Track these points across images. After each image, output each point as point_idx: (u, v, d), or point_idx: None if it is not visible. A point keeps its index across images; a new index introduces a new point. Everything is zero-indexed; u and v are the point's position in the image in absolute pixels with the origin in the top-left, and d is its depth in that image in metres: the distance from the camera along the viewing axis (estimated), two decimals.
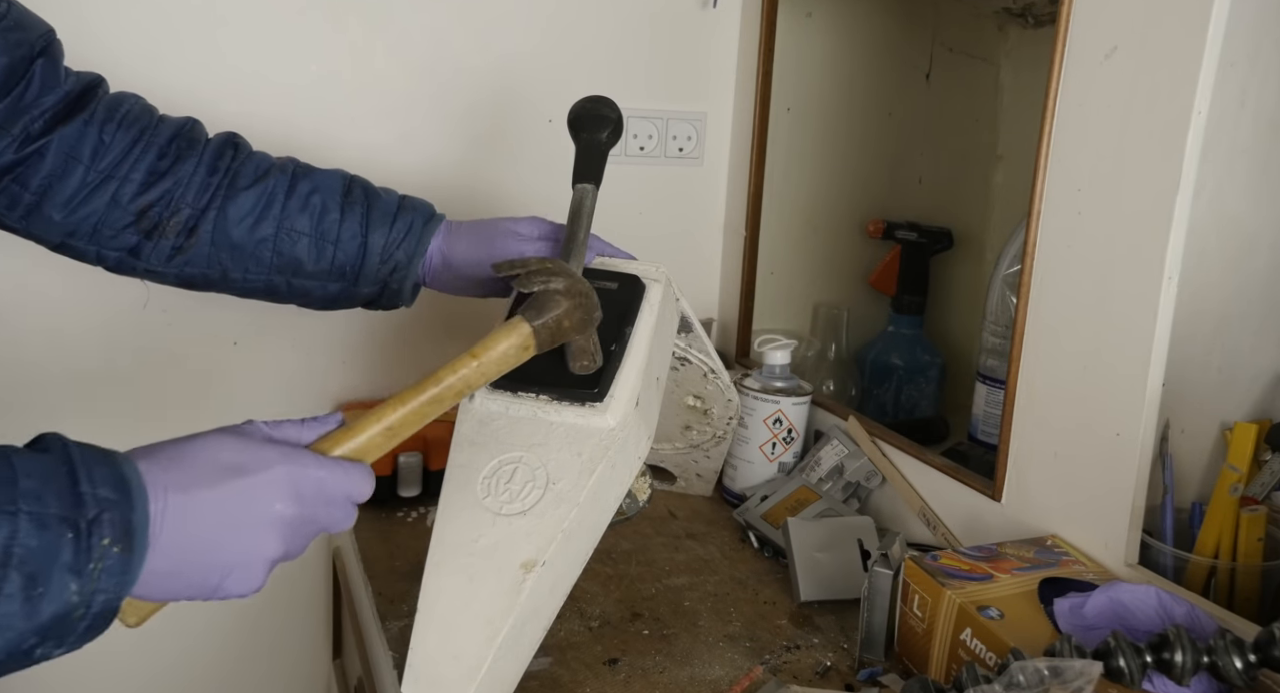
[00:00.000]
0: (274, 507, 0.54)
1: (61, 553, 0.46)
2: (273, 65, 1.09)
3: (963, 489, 0.95)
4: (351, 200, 0.83)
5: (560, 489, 0.68)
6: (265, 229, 0.80)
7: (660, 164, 1.32)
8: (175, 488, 0.51)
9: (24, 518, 0.45)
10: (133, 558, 0.48)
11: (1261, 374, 0.87)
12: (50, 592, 0.45)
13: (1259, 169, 0.83)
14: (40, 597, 0.45)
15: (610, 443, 0.70)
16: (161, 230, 0.78)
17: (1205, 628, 0.67)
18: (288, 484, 0.55)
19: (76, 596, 0.46)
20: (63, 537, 0.46)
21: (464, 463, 0.71)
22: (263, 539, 0.54)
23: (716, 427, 1.04)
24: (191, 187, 0.78)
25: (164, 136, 0.78)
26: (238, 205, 0.79)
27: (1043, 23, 1.29)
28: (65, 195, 0.74)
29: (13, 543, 0.44)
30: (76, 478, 0.47)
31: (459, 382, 0.65)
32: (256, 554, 0.54)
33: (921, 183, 1.39)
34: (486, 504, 0.68)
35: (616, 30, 1.25)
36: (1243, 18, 0.73)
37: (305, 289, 0.84)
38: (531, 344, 0.68)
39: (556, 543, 0.66)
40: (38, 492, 0.46)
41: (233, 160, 0.81)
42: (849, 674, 0.80)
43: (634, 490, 0.85)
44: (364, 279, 0.84)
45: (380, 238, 0.83)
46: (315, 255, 0.82)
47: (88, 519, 0.47)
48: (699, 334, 0.90)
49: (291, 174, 0.83)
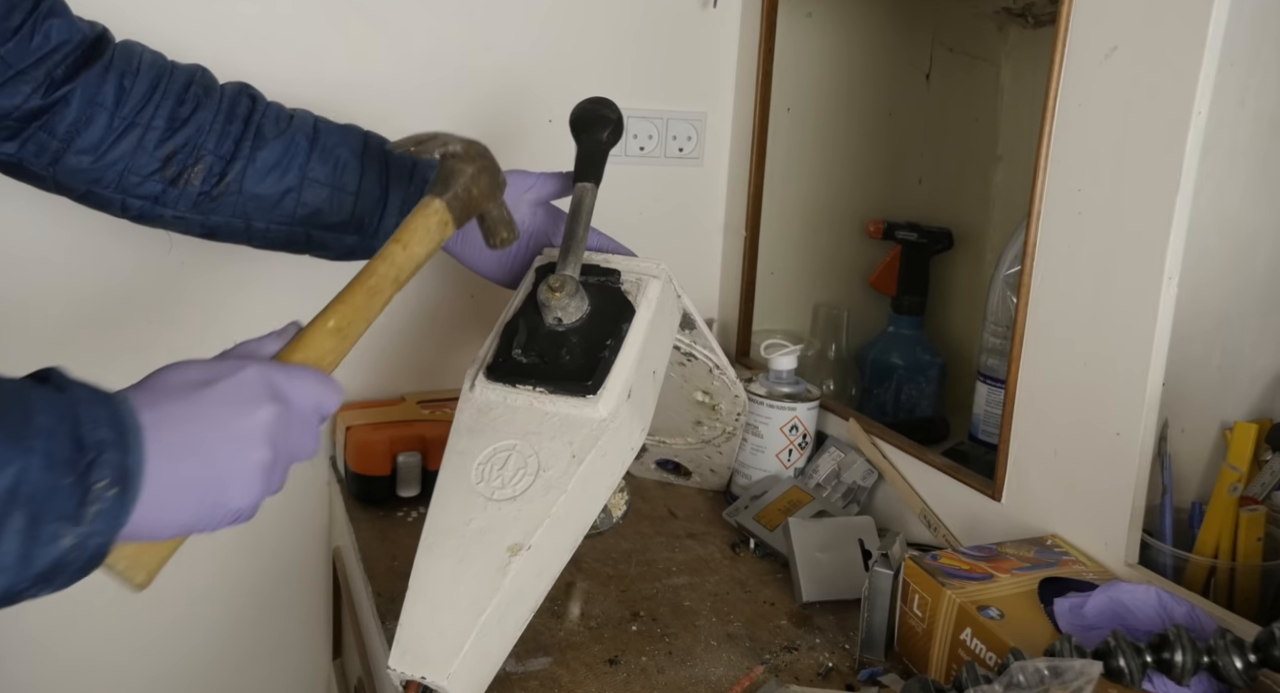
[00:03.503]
0: (252, 407, 0.54)
1: (60, 495, 0.45)
2: (272, 65, 1.09)
3: (963, 489, 0.95)
4: (370, 154, 0.87)
5: (550, 477, 0.70)
6: (290, 179, 0.83)
7: (660, 164, 1.32)
8: (148, 408, 0.51)
9: (37, 456, 0.44)
10: (127, 499, 0.47)
11: (1261, 374, 0.87)
12: (48, 534, 0.44)
13: (1259, 169, 0.83)
14: (39, 539, 0.44)
15: (601, 433, 0.72)
16: (186, 177, 0.79)
17: (1205, 628, 0.67)
18: (260, 384, 0.55)
19: (71, 538, 0.45)
20: (64, 479, 0.45)
21: (461, 450, 0.74)
22: (249, 442, 0.53)
23: (725, 422, 1.05)
24: (212, 133, 0.80)
25: (180, 83, 0.80)
26: (265, 155, 0.82)
27: (1043, 23, 1.29)
28: (92, 141, 0.76)
29: (23, 479, 0.43)
30: (79, 419, 0.46)
31: (390, 269, 0.67)
32: (246, 459, 0.53)
33: (921, 183, 1.39)
34: (479, 490, 0.71)
35: (616, 30, 1.25)
36: (1243, 18, 0.73)
37: (323, 241, 0.86)
38: (448, 217, 0.72)
39: (543, 529, 0.68)
40: (51, 428, 0.45)
41: (251, 111, 0.83)
42: (849, 674, 0.80)
43: (609, 506, 0.86)
44: (381, 232, 0.87)
45: (400, 192, 0.87)
46: (336, 206, 0.85)
47: (87, 461, 0.46)
48: (703, 331, 0.91)
49: (314, 126, 0.86)
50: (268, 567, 1.23)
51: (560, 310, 0.77)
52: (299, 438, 0.58)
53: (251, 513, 0.55)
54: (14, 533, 0.43)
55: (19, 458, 0.43)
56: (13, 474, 0.43)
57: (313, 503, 1.22)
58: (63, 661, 1.14)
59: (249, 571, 1.22)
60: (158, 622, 1.18)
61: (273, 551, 1.22)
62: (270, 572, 1.23)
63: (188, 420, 0.52)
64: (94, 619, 1.15)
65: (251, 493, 0.54)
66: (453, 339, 1.25)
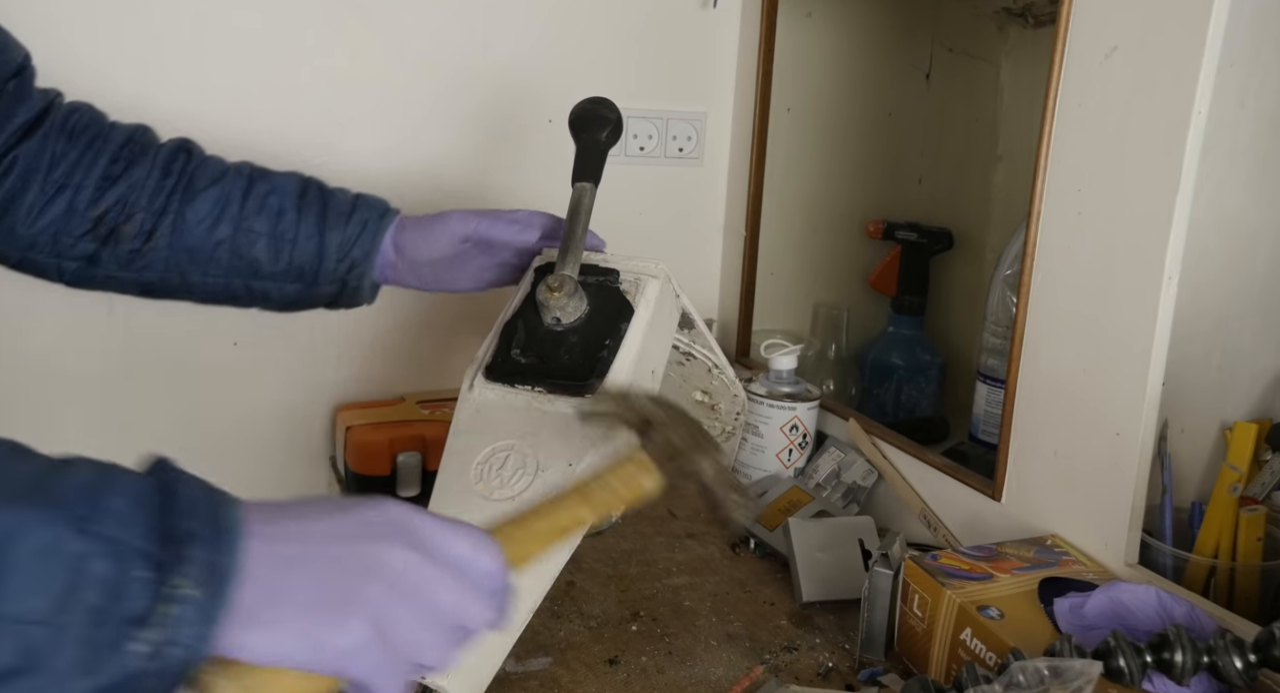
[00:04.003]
0: (384, 541, 0.45)
1: (130, 592, 0.38)
2: (272, 66, 1.09)
3: (963, 489, 0.95)
4: (307, 200, 0.84)
5: (549, 477, 0.70)
6: (223, 230, 0.81)
7: (660, 164, 1.32)
8: (260, 512, 0.43)
9: (99, 541, 0.38)
10: (215, 605, 0.39)
11: (1261, 374, 0.87)
12: (109, 638, 0.37)
13: (1259, 169, 0.83)
14: (98, 643, 0.37)
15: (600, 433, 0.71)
16: (117, 235, 0.78)
17: (1205, 628, 0.67)
18: (401, 518, 0.46)
19: (143, 645, 0.38)
20: (137, 574, 0.38)
21: (460, 450, 0.74)
22: (348, 572, 0.43)
23: (725, 422, 1.05)
24: (145, 190, 0.79)
25: (115, 143, 0.79)
26: (195, 207, 0.80)
27: (1043, 23, 1.29)
28: (25, 207, 0.75)
29: (83, 569, 0.37)
30: (169, 507, 0.40)
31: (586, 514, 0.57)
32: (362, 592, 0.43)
33: (921, 183, 1.39)
34: (478, 490, 0.71)
35: (617, 30, 1.25)
36: (1243, 18, 0.73)
37: (264, 291, 0.84)
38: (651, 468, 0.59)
39: None
40: (124, 515, 0.39)
41: (186, 164, 0.81)
42: (849, 674, 0.80)
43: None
44: (322, 278, 0.84)
45: (336, 235, 0.84)
46: (273, 256, 0.82)
47: (169, 556, 0.39)
48: (701, 330, 0.91)
49: (248, 176, 0.83)
50: None
51: (559, 310, 0.77)
52: (457, 595, 0.46)
53: (372, 677, 0.44)
54: (74, 634, 0.36)
55: (79, 545, 0.37)
56: (69, 564, 0.37)
57: None
58: None
59: None
60: None
61: None
62: None
63: (305, 539, 0.44)
64: None
65: (343, 631, 0.42)
66: (453, 339, 1.24)
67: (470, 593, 0.46)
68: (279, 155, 1.10)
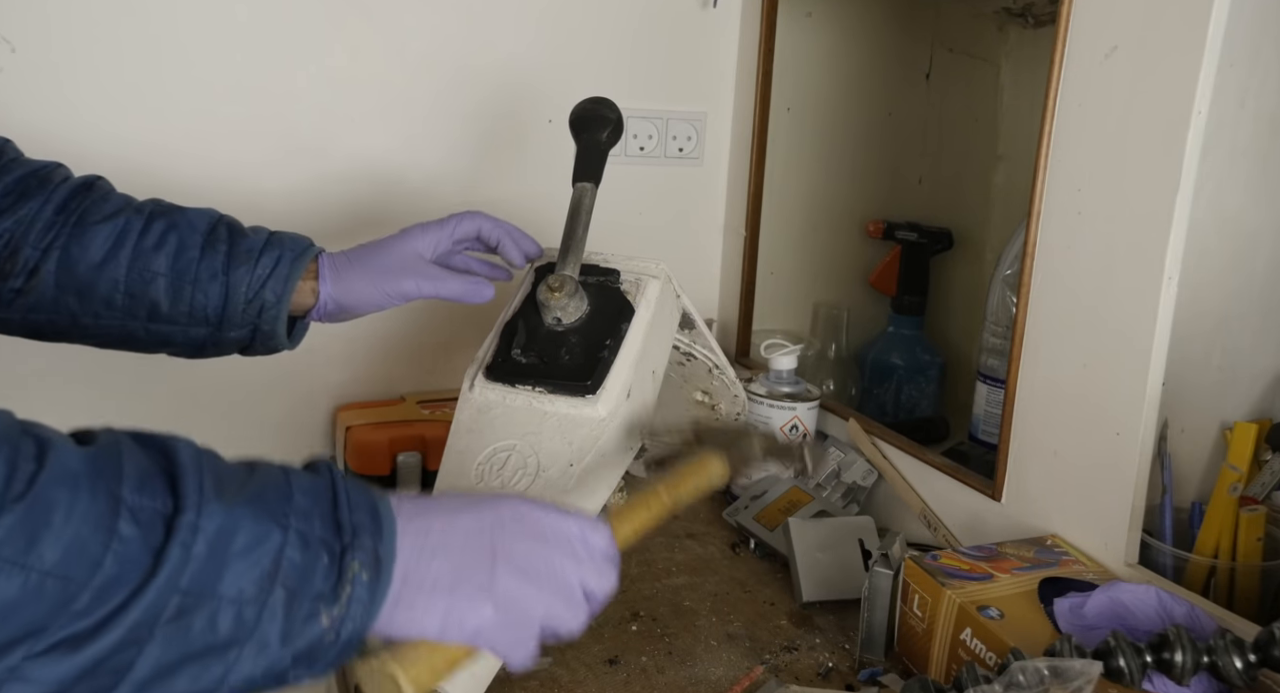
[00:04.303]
0: (495, 532, 0.52)
1: (317, 575, 0.46)
2: (272, 65, 1.09)
3: (963, 489, 0.95)
4: (214, 238, 0.78)
5: (549, 476, 0.71)
6: (115, 269, 0.74)
7: (660, 164, 1.32)
8: (407, 505, 0.52)
9: (292, 533, 0.45)
10: (379, 587, 0.47)
11: (1261, 374, 0.87)
12: (305, 613, 0.45)
13: (1259, 169, 0.83)
14: (296, 617, 0.45)
15: (600, 433, 0.72)
16: (1, 274, 0.73)
17: (1205, 628, 0.67)
18: (523, 510, 0.54)
19: (326, 620, 0.46)
20: (319, 559, 0.46)
21: (461, 450, 0.74)
22: (479, 559, 0.51)
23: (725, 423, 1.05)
24: (35, 225, 0.73)
25: (13, 177, 0.74)
26: (83, 243, 0.74)
27: (1043, 23, 1.29)
28: None
29: (281, 557, 0.45)
30: (337, 502, 0.48)
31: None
32: (494, 577, 0.51)
33: (921, 183, 1.39)
34: (478, 490, 0.71)
35: (616, 30, 1.25)
36: (1243, 18, 0.73)
37: (166, 335, 0.77)
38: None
39: None
40: (307, 510, 0.47)
41: (84, 200, 0.75)
42: (849, 674, 0.80)
43: (609, 505, 0.87)
44: (229, 322, 0.77)
45: (244, 275, 0.77)
46: (173, 297, 0.76)
47: (342, 544, 0.47)
48: (702, 330, 0.91)
49: (149, 213, 0.77)
50: None
51: (559, 310, 0.77)
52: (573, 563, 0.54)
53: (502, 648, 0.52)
54: (275, 610, 0.44)
55: (277, 534, 0.45)
56: (272, 553, 0.45)
57: None
58: None
59: None
60: None
61: None
62: None
63: (444, 531, 0.51)
64: None
65: (475, 610, 0.50)
66: (453, 339, 1.25)
67: (588, 565, 0.55)
68: (275, 157, 1.11)
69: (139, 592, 0.41)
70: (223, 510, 0.44)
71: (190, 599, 0.42)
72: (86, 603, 0.40)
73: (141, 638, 0.42)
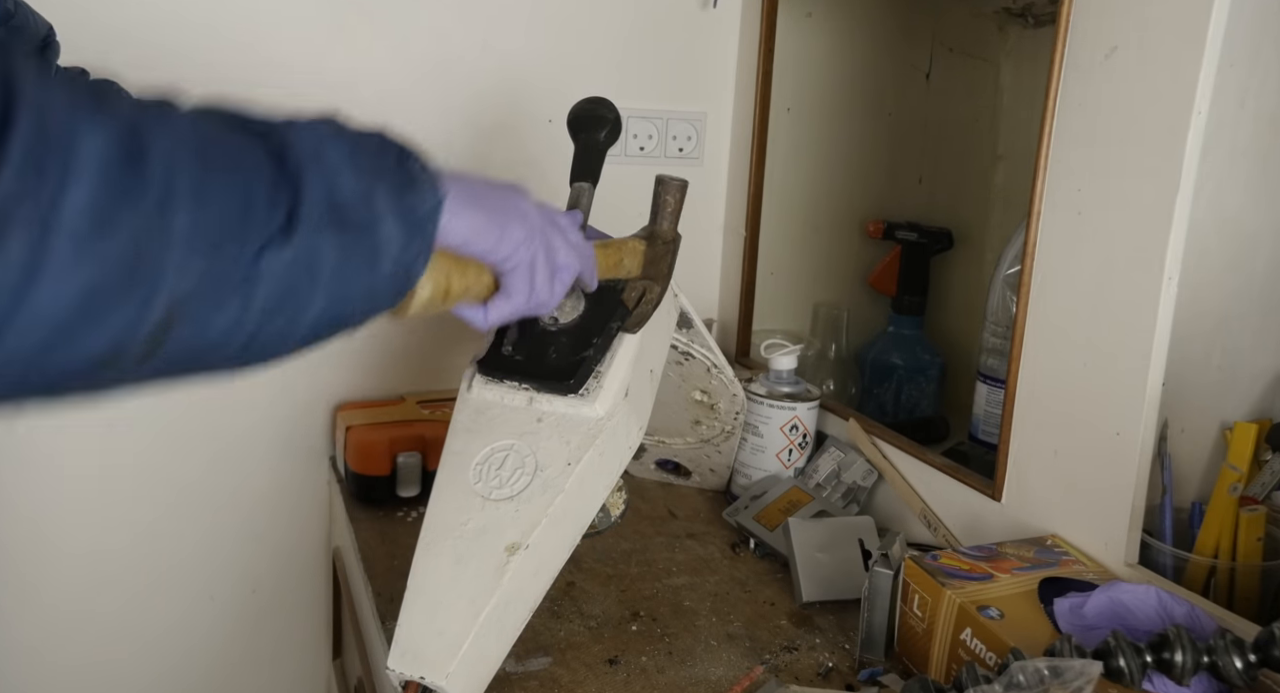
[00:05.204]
0: (524, 197, 0.63)
1: (415, 179, 0.52)
2: (270, 64, 1.09)
3: (963, 489, 0.95)
4: None
5: (547, 476, 0.70)
6: None
7: (660, 164, 1.32)
8: (450, 173, 0.58)
9: (402, 154, 0.52)
10: (441, 191, 0.54)
11: (1261, 374, 0.87)
12: (409, 205, 0.51)
13: (1259, 169, 0.83)
14: (407, 215, 0.51)
15: (598, 432, 0.72)
16: None
17: (1205, 628, 0.67)
18: (531, 198, 0.64)
19: (421, 209, 0.52)
20: (416, 168, 0.53)
21: (459, 450, 0.74)
22: (523, 203, 0.62)
23: (724, 422, 1.05)
24: None
25: None
26: None
27: (1043, 23, 1.29)
28: None
29: (401, 170, 0.51)
30: (404, 156, 0.54)
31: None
32: (522, 210, 0.62)
33: (921, 183, 1.39)
34: (477, 490, 0.71)
35: (616, 30, 1.25)
36: (1243, 18, 0.73)
37: None
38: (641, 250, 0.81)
39: (540, 528, 0.68)
40: (399, 146, 0.53)
41: None
42: (849, 674, 0.80)
43: (608, 505, 0.87)
44: None
45: None
46: None
47: (400, 153, 0.53)
48: (700, 330, 0.91)
49: None
50: (268, 567, 1.23)
51: (556, 309, 0.77)
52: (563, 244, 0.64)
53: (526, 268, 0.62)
54: (398, 217, 0.50)
55: (396, 155, 0.52)
56: (398, 177, 0.51)
57: (313, 503, 1.22)
58: (64, 661, 1.14)
59: (249, 570, 1.22)
60: (158, 622, 1.18)
61: (273, 551, 1.22)
62: (270, 572, 1.23)
63: (483, 187, 0.60)
64: (95, 619, 1.15)
65: (519, 240, 0.60)
66: (453, 339, 1.24)
67: (571, 248, 0.65)
68: None
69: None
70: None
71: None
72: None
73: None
